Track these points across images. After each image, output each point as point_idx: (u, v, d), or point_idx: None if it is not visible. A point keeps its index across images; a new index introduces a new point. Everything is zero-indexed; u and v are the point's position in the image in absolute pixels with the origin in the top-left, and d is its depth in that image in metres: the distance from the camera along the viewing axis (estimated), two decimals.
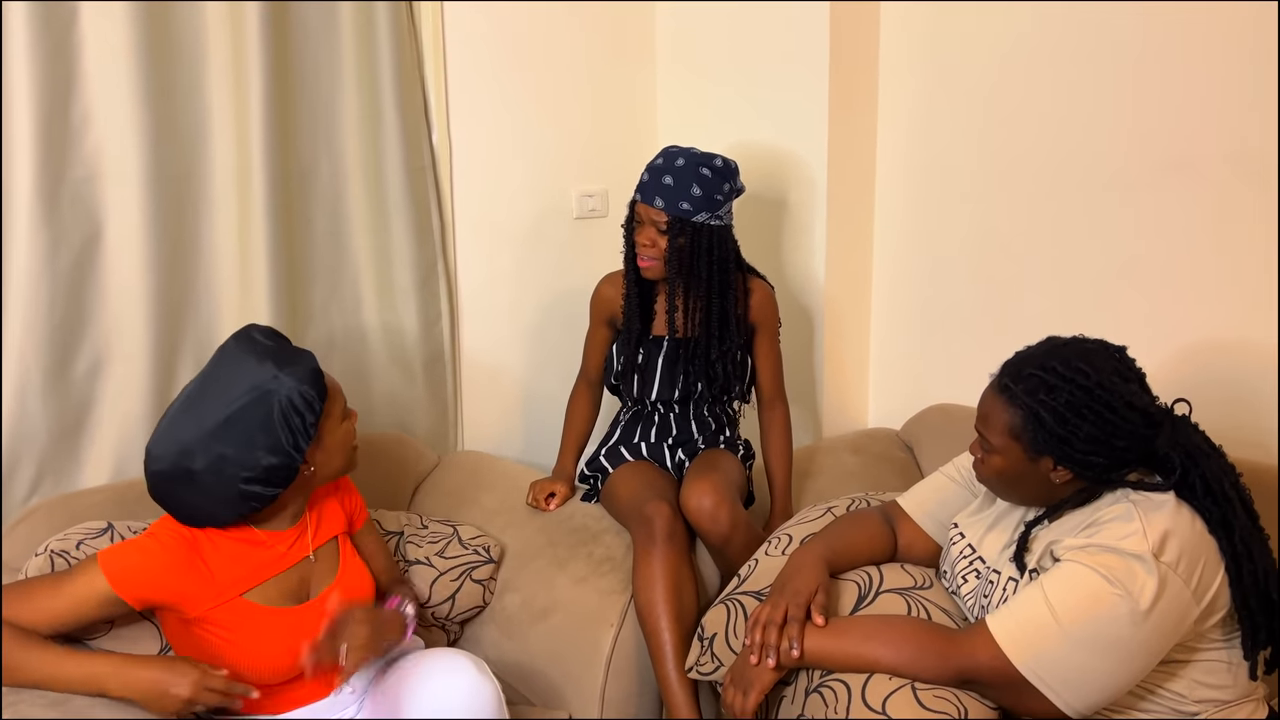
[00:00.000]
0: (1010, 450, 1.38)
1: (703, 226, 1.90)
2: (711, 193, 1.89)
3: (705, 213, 1.89)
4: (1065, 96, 2.09)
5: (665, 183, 1.89)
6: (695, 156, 1.91)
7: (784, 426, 2.09)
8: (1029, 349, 1.42)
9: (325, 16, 2.07)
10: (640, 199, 1.93)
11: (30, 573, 1.56)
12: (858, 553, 1.59)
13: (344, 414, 1.58)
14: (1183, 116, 1.92)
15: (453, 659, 1.52)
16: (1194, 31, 1.88)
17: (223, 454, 1.41)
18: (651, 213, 1.91)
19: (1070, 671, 1.27)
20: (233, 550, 1.49)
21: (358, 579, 1.64)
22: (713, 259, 1.92)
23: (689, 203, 1.88)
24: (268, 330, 1.55)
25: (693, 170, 1.88)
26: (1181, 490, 1.32)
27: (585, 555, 1.92)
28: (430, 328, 2.31)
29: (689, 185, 1.88)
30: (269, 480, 1.44)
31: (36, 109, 1.74)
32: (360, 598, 1.61)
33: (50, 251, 1.79)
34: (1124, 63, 1.99)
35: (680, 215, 1.88)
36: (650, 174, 1.93)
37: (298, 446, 1.45)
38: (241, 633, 1.46)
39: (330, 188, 2.14)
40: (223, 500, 1.43)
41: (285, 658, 1.47)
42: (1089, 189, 2.08)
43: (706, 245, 1.91)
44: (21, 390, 1.80)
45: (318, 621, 1.49)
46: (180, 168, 1.93)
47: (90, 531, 1.63)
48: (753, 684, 1.43)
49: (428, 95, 2.25)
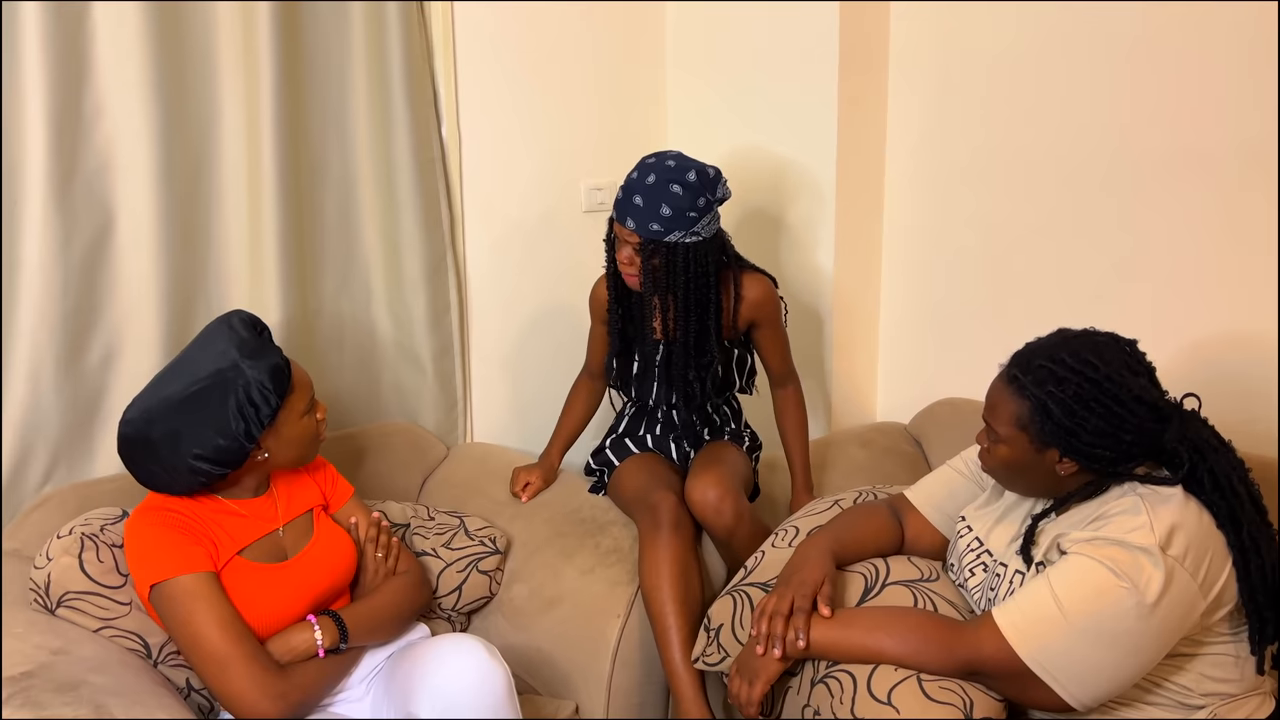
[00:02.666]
0: (1017, 441, 1.38)
1: (677, 245, 1.83)
2: (684, 210, 1.81)
3: (678, 231, 1.82)
4: (1072, 92, 2.09)
5: (636, 203, 1.82)
6: (667, 172, 1.82)
7: (797, 404, 2.07)
8: (1039, 340, 1.42)
9: (336, 10, 2.08)
10: (615, 217, 1.89)
11: (54, 555, 1.57)
12: (864, 545, 1.60)
13: (309, 408, 1.60)
14: (1189, 112, 1.91)
15: (464, 643, 1.53)
16: (1200, 29, 1.88)
17: (178, 429, 1.46)
18: (625, 232, 1.86)
19: (1076, 664, 1.27)
20: (211, 517, 1.54)
21: (336, 547, 1.66)
22: (689, 275, 1.86)
23: (659, 223, 1.81)
24: (249, 319, 1.59)
25: (663, 189, 1.81)
26: (1190, 485, 1.32)
27: (592, 546, 1.93)
28: (439, 319, 2.32)
29: (658, 205, 1.81)
30: (217, 461, 1.49)
31: (49, 100, 1.75)
32: (339, 566, 1.65)
33: (63, 242, 1.80)
34: (1130, 61, 1.99)
35: (651, 237, 1.83)
36: (624, 192, 1.86)
37: (249, 434, 1.49)
38: (245, 591, 1.50)
39: (340, 179, 2.15)
40: (173, 470, 1.48)
41: (277, 614, 1.53)
42: (1096, 184, 2.08)
43: (682, 263, 1.84)
44: (35, 379, 1.81)
45: (302, 577, 1.57)
46: (191, 159, 1.94)
47: (109, 517, 1.65)
48: (759, 674, 1.44)
49: (437, 88, 2.26)
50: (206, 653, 1.42)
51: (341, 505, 1.75)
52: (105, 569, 1.58)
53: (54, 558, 1.57)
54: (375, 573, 1.69)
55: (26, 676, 1.36)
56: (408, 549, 1.80)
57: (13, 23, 1.72)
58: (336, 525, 1.71)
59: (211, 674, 1.42)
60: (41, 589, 1.56)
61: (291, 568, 1.58)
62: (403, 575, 1.71)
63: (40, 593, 1.57)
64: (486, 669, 1.49)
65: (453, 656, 1.51)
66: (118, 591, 1.57)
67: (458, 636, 1.56)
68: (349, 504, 1.76)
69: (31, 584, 1.58)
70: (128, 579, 1.58)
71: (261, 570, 1.54)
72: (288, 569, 1.57)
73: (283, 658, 1.49)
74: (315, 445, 1.65)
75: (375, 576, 1.69)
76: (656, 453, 2.07)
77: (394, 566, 1.71)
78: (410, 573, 1.73)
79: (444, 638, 1.57)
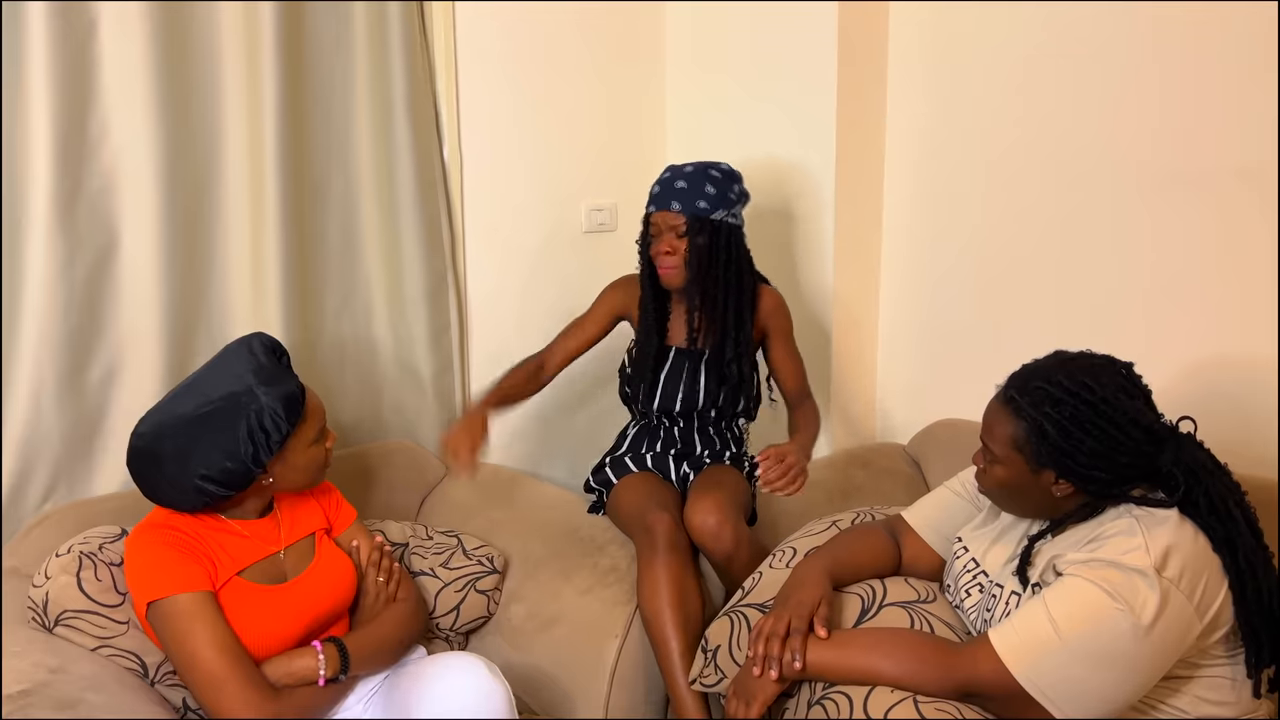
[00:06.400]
0: (1013, 461, 1.39)
1: (721, 224, 1.94)
2: (724, 191, 1.94)
3: (722, 209, 1.94)
4: (1071, 112, 2.10)
5: (679, 187, 1.94)
6: (702, 165, 1.97)
7: (814, 416, 2.05)
8: (1036, 362, 1.42)
9: (338, 31, 2.10)
10: (655, 208, 1.97)
11: (51, 573, 1.58)
12: (861, 566, 1.60)
13: (319, 436, 1.61)
14: (1189, 132, 1.93)
15: (464, 660, 1.53)
16: (1200, 49, 1.89)
17: (188, 447, 1.47)
18: (669, 218, 1.94)
19: (1072, 685, 1.26)
20: (212, 537, 1.54)
21: (336, 571, 1.66)
22: (730, 259, 1.96)
23: (705, 200, 1.93)
24: (270, 344, 1.60)
25: (703, 173, 1.95)
26: (1185, 508, 1.32)
27: (590, 566, 1.92)
28: (439, 338, 2.33)
29: (702, 186, 1.93)
30: (224, 482, 1.49)
31: (55, 120, 1.77)
32: (338, 590, 1.65)
33: (66, 260, 1.81)
34: (1130, 79, 2.00)
35: (698, 214, 1.92)
36: (661, 185, 1.97)
37: (257, 459, 1.49)
38: (242, 612, 1.50)
39: (342, 200, 2.17)
40: (179, 487, 1.48)
41: (275, 636, 1.53)
42: (1095, 207, 2.09)
43: (725, 244, 1.95)
44: (36, 397, 1.82)
45: (302, 600, 1.56)
46: (195, 179, 1.95)
47: (108, 536, 1.65)
48: (755, 695, 1.44)
49: (439, 109, 2.28)
50: (202, 672, 1.42)
51: (344, 529, 1.75)
52: (103, 588, 1.58)
53: (52, 576, 1.58)
54: (376, 597, 1.69)
55: (24, 694, 1.36)
56: (408, 575, 1.80)
57: (20, 43, 1.74)
58: (338, 549, 1.71)
59: (206, 694, 1.42)
60: (40, 607, 1.57)
61: (291, 590, 1.58)
62: (403, 602, 1.71)
63: (38, 611, 1.57)
64: (488, 686, 1.49)
65: (454, 674, 1.50)
66: (115, 610, 1.57)
67: (458, 654, 1.56)
68: (351, 528, 1.76)
69: (30, 602, 1.58)
70: (126, 597, 1.58)
71: (260, 591, 1.54)
72: (287, 591, 1.57)
73: (281, 681, 1.48)
74: (321, 472, 1.65)
75: (376, 601, 1.69)
76: (655, 472, 2.07)
77: (394, 592, 1.71)
78: (409, 599, 1.73)
79: (444, 655, 1.57)
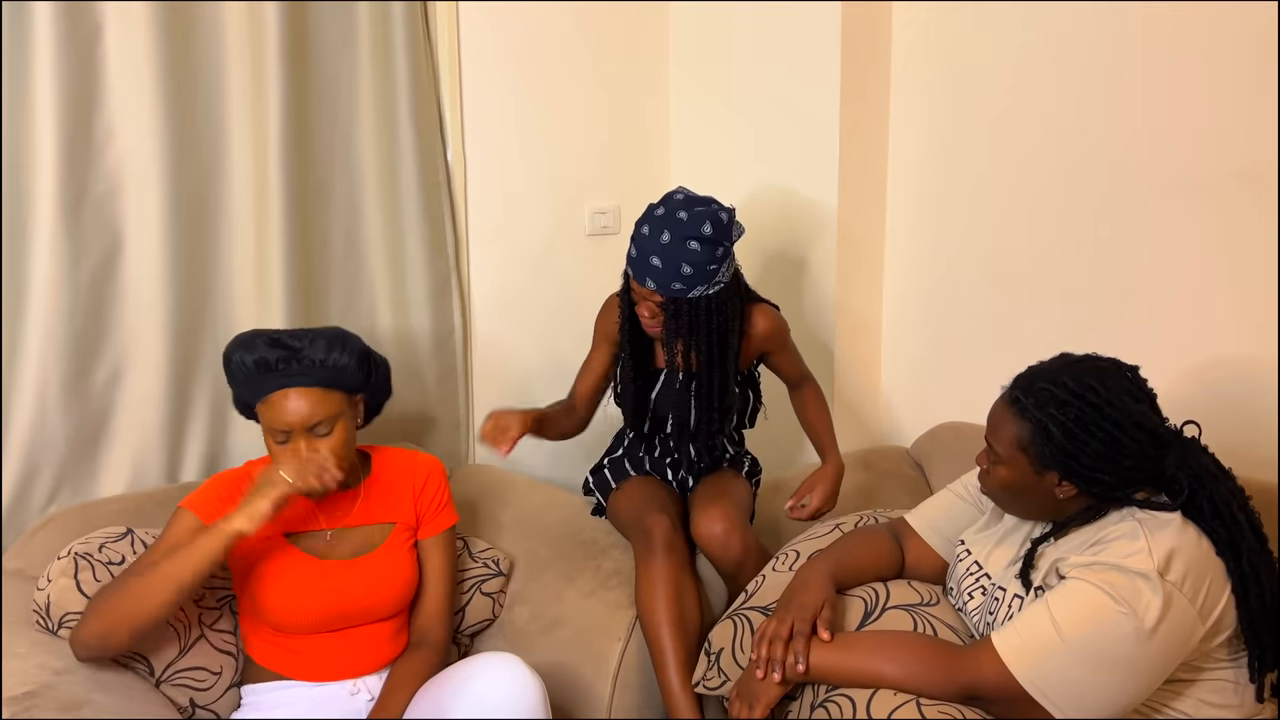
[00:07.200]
0: (1017, 462, 1.39)
1: (700, 299, 1.82)
2: (704, 265, 1.78)
3: (701, 286, 1.80)
4: (1072, 118, 2.10)
5: (654, 264, 1.78)
6: (681, 228, 1.77)
7: (817, 398, 2.06)
8: (1042, 364, 1.42)
9: (342, 34, 2.10)
10: (633, 275, 1.84)
11: (53, 576, 1.58)
12: (864, 569, 1.60)
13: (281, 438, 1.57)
14: (1190, 134, 1.93)
15: (498, 656, 1.52)
16: (1202, 50, 1.89)
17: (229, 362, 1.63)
18: (644, 290, 1.83)
19: (1075, 688, 1.26)
20: None
21: (392, 571, 1.66)
22: (712, 325, 1.85)
23: (681, 282, 1.78)
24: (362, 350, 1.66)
25: (680, 247, 1.76)
26: (1189, 512, 1.32)
27: (594, 569, 1.93)
28: (443, 341, 2.33)
29: (678, 265, 1.77)
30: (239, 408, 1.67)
31: (61, 123, 1.78)
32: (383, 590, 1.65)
33: (72, 263, 1.82)
34: (1131, 84, 2.00)
35: (674, 295, 1.80)
36: (638, 251, 1.81)
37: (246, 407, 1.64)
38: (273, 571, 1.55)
39: (346, 202, 2.17)
40: (234, 395, 1.66)
41: (297, 607, 1.57)
42: (1099, 209, 2.09)
43: (705, 315, 1.83)
44: (41, 399, 1.82)
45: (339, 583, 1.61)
46: (199, 182, 1.96)
47: (111, 535, 1.66)
48: (759, 698, 1.44)
49: (443, 112, 2.28)
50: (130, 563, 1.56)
51: (432, 535, 1.75)
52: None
53: (53, 579, 1.59)
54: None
55: (29, 696, 1.37)
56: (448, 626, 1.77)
57: (26, 46, 1.74)
58: (410, 552, 1.71)
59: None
60: (43, 610, 1.57)
61: (328, 569, 1.60)
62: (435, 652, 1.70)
63: (42, 614, 1.58)
64: (524, 679, 1.48)
65: (489, 669, 1.50)
66: None
67: (493, 654, 1.54)
68: (439, 537, 1.75)
69: (34, 605, 1.59)
70: None
71: (298, 558, 1.59)
72: (323, 569, 1.60)
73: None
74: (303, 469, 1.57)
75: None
76: (654, 475, 2.07)
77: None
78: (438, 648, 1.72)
79: (480, 656, 1.55)
